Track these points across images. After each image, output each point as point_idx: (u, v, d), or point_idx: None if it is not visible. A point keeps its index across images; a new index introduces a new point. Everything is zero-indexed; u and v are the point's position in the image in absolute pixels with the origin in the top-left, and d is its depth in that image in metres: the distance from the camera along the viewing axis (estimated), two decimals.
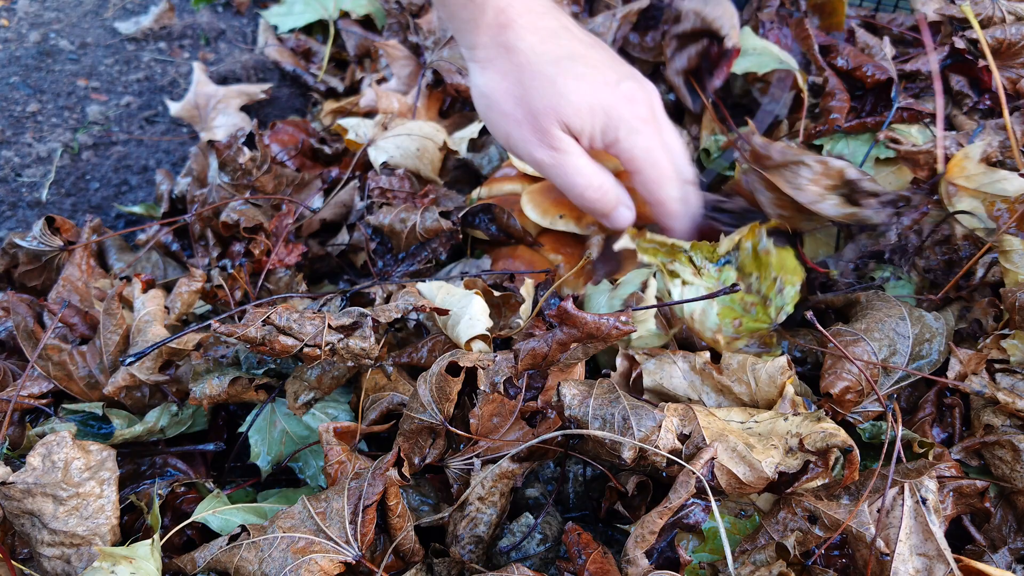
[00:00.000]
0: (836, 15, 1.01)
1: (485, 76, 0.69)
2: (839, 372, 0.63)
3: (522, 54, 0.67)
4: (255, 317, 0.63)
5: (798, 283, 0.70)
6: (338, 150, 1.06)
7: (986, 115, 0.93)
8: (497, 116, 0.70)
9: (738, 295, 0.71)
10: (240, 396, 0.70)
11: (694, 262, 0.72)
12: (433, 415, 0.59)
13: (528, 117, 0.68)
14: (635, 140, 0.69)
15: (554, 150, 0.69)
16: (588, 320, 0.58)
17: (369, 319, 0.66)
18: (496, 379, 0.60)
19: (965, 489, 0.58)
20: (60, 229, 0.86)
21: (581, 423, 0.57)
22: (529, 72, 0.67)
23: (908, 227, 0.73)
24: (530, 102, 0.68)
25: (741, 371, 0.63)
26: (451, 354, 0.60)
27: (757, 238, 0.72)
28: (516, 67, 0.68)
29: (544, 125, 0.67)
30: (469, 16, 0.68)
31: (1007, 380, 0.62)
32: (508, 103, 0.69)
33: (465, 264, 0.85)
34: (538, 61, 0.67)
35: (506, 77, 0.68)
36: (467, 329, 0.66)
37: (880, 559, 0.51)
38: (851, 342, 0.65)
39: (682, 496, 0.52)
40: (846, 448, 0.53)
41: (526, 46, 0.67)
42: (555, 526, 0.61)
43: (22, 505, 0.58)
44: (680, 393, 0.65)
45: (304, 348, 0.64)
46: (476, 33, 0.68)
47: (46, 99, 1.31)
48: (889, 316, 0.67)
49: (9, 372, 0.77)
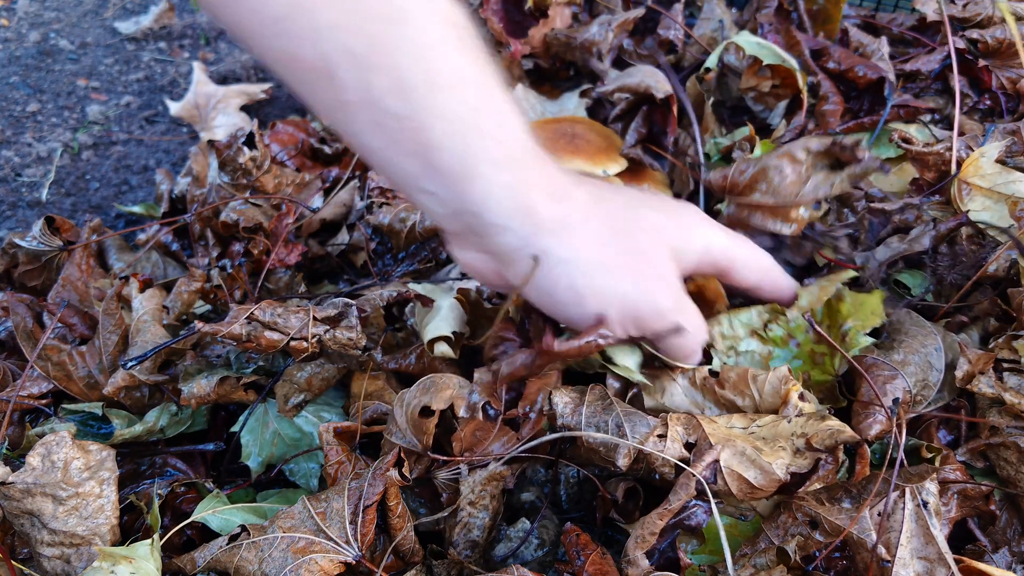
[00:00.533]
0: (832, 21, 1.01)
1: (565, 239, 0.53)
2: (874, 415, 0.61)
3: (590, 198, 0.55)
4: (239, 314, 0.63)
5: (872, 326, 0.64)
6: (338, 150, 1.06)
7: (986, 115, 0.93)
8: (600, 279, 0.54)
9: (807, 346, 0.66)
10: (229, 396, 0.70)
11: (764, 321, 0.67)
12: (413, 443, 0.58)
13: (640, 260, 0.55)
14: (735, 250, 0.60)
15: (674, 290, 0.56)
16: (571, 349, 0.56)
17: (354, 308, 0.66)
18: (475, 399, 0.59)
19: (970, 492, 0.58)
20: (60, 229, 0.86)
21: (575, 432, 0.57)
22: (610, 215, 0.55)
23: (944, 234, 0.71)
24: (637, 241, 0.55)
25: (742, 383, 0.61)
26: (424, 388, 0.59)
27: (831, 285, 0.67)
28: (596, 213, 0.54)
29: (660, 263, 0.55)
30: (508, 180, 0.52)
31: (1015, 380, 0.62)
32: (610, 255, 0.54)
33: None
34: (610, 200, 0.56)
35: (590, 230, 0.54)
36: (433, 329, 0.66)
37: (881, 564, 0.51)
38: (888, 378, 0.63)
39: (682, 497, 0.52)
40: (854, 444, 0.53)
41: (585, 192, 0.55)
42: (552, 530, 0.61)
43: (22, 505, 0.57)
44: (682, 410, 0.63)
45: (291, 342, 0.64)
46: (529, 193, 0.53)
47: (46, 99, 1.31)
48: (925, 346, 0.65)
49: (9, 372, 0.77)
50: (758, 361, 0.67)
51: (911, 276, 0.75)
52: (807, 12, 1.02)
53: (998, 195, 0.73)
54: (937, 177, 0.78)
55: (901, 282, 0.75)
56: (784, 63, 0.89)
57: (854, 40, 0.95)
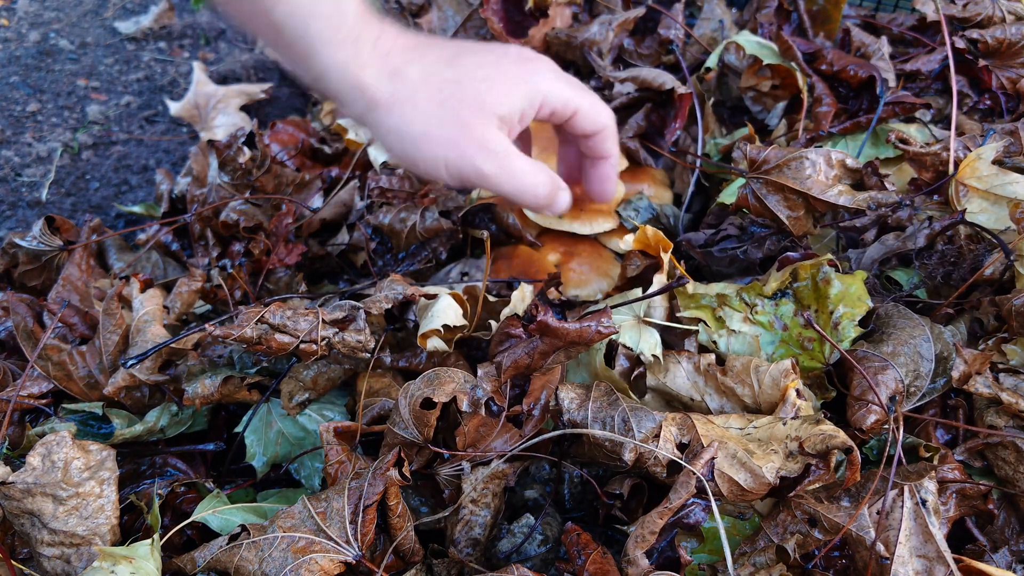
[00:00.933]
0: (832, 21, 1.01)
1: (395, 114, 0.63)
2: (869, 405, 0.61)
3: (421, 75, 0.63)
4: (250, 317, 0.63)
5: (858, 316, 0.66)
6: (338, 150, 1.06)
7: (986, 115, 0.93)
8: (425, 148, 0.64)
9: (795, 330, 0.68)
10: (233, 396, 0.70)
11: (747, 302, 0.69)
12: (415, 435, 0.59)
13: (461, 131, 0.63)
14: (578, 99, 0.67)
15: (496, 156, 0.64)
16: (569, 329, 0.58)
17: (361, 311, 0.66)
18: (478, 394, 0.60)
19: (968, 491, 0.58)
20: (60, 229, 0.86)
21: (580, 427, 0.57)
22: (438, 89, 0.63)
23: (938, 232, 0.72)
24: (457, 114, 0.63)
25: (745, 373, 0.62)
26: (427, 380, 0.59)
27: (816, 268, 0.69)
28: (425, 89, 0.63)
29: (480, 133, 0.63)
30: (343, 59, 0.61)
31: (1011, 380, 0.62)
32: (433, 128, 0.63)
33: (465, 264, 0.85)
34: (440, 76, 0.63)
35: (417, 105, 0.63)
36: (426, 324, 0.66)
37: (880, 562, 0.51)
38: (879, 369, 0.63)
39: (682, 496, 0.52)
40: (846, 449, 0.53)
41: (418, 69, 0.63)
42: (555, 527, 0.61)
43: (22, 505, 0.57)
44: (683, 393, 0.64)
45: (300, 345, 0.64)
46: (361, 72, 0.62)
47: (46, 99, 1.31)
48: (913, 337, 0.66)
49: (9, 372, 0.77)
50: (749, 343, 0.68)
51: (904, 273, 0.75)
52: (807, 12, 1.02)
53: (995, 197, 0.73)
54: (935, 177, 0.78)
55: (894, 279, 0.76)
56: (784, 63, 0.89)
57: (856, 40, 0.95)
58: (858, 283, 0.67)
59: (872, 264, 0.74)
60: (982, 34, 0.91)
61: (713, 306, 0.70)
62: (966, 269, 0.70)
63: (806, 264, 0.68)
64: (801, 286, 0.69)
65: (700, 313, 0.69)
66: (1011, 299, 0.64)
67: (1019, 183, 0.72)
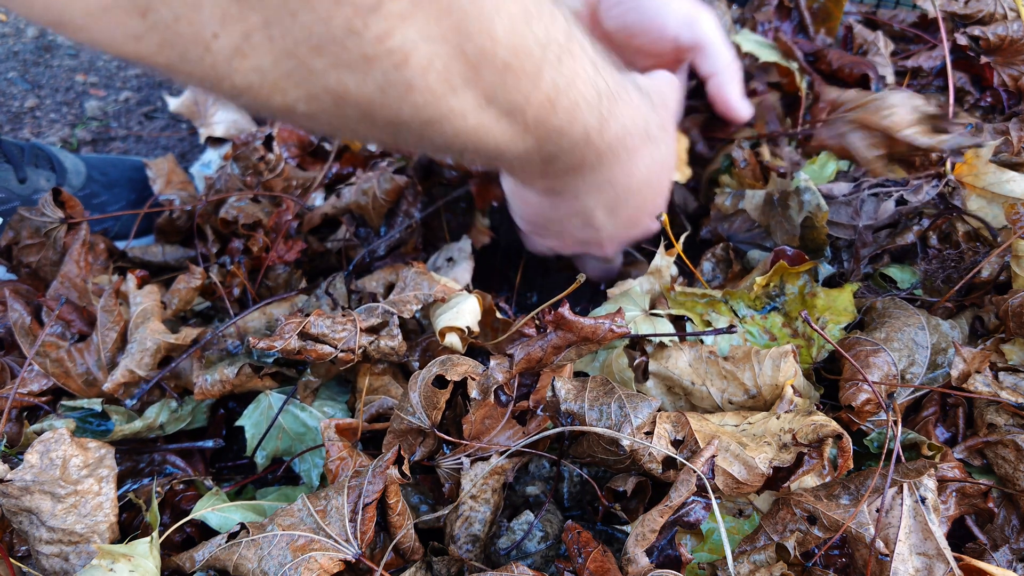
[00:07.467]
0: (833, 18, 1.01)
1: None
2: (860, 384, 0.62)
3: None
4: (291, 329, 0.64)
5: (845, 322, 0.68)
6: (339, 147, 1.05)
7: (987, 112, 0.93)
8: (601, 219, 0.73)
9: (784, 337, 0.70)
10: (245, 385, 0.70)
11: (736, 312, 0.70)
12: (422, 419, 0.59)
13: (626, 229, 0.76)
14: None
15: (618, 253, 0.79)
16: (584, 324, 0.58)
17: (395, 317, 0.68)
18: (489, 384, 0.60)
19: (968, 489, 0.58)
20: (65, 204, 0.86)
21: (577, 416, 0.57)
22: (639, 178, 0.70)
23: (929, 228, 0.73)
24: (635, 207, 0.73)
25: (746, 359, 0.63)
26: (441, 362, 0.60)
27: (802, 281, 0.71)
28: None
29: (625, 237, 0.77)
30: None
31: (1010, 379, 0.62)
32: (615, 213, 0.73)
33: (447, 249, 0.86)
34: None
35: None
36: (448, 319, 0.66)
37: (879, 559, 0.51)
38: (871, 352, 0.64)
39: (683, 494, 0.52)
40: (837, 437, 0.53)
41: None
42: (555, 524, 0.61)
43: (20, 503, 0.57)
44: (684, 378, 0.65)
45: (339, 354, 0.66)
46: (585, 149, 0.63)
47: (44, 94, 1.31)
48: (908, 325, 0.66)
49: (7, 369, 0.77)
50: (737, 342, 0.69)
51: (899, 271, 0.75)
52: (808, 10, 1.01)
53: (991, 194, 0.73)
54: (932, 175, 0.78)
55: (888, 276, 0.76)
56: (784, 63, 0.89)
57: (858, 37, 0.95)
58: (846, 296, 0.69)
59: (864, 261, 0.75)
60: (984, 31, 0.91)
61: (699, 312, 0.70)
62: (966, 271, 0.70)
63: (792, 272, 0.70)
64: (789, 297, 0.70)
65: (688, 313, 0.70)
66: (1008, 299, 0.64)
67: (1015, 181, 0.72)
